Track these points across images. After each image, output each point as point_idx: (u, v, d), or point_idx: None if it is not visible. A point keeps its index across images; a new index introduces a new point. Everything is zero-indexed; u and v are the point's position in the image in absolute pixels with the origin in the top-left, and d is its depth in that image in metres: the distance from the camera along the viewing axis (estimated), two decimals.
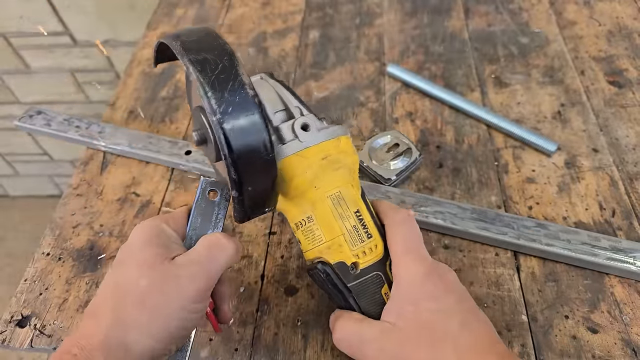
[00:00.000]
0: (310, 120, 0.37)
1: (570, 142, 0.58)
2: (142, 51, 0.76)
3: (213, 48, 0.32)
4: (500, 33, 0.72)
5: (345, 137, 0.38)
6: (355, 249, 0.36)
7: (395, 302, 0.35)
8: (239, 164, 0.31)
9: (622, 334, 0.43)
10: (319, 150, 0.36)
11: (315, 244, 0.37)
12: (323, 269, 0.36)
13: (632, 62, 0.66)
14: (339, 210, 0.36)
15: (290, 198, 0.37)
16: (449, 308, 0.34)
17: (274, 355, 0.44)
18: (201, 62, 0.31)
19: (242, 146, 0.30)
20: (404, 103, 0.64)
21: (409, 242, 0.36)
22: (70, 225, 0.55)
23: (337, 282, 0.36)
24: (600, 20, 0.72)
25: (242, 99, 0.30)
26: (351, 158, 0.38)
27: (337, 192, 0.37)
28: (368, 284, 0.36)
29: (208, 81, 0.30)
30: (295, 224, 0.38)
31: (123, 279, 0.34)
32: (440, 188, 0.55)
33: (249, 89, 0.31)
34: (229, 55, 0.32)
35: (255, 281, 0.49)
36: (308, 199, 0.37)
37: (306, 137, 0.36)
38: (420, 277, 0.34)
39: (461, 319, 0.33)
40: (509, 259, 0.49)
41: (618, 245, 0.47)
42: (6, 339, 0.46)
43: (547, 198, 0.53)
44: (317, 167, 0.36)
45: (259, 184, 0.33)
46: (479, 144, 0.59)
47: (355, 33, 0.75)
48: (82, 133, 0.62)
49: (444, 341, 0.32)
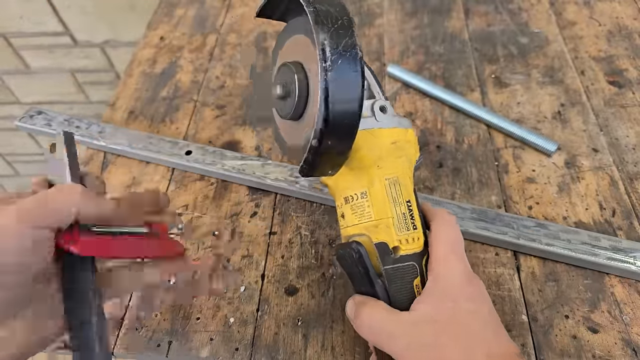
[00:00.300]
0: (387, 104, 0.39)
1: (570, 142, 0.58)
2: (142, 51, 0.76)
3: (335, 5, 0.33)
4: (500, 33, 0.72)
5: (412, 130, 0.40)
6: (401, 235, 0.37)
7: (431, 295, 0.35)
8: (332, 114, 0.31)
9: (622, 334, 0.43)
10: (390, 134, 0.38)
11: (363, 220, 0.38)
12: (357, 248, 0.37)
13: (632, 62, 0.66)
14: (394, 195, 0.38)
15: (350, 169, 0.38)
16: (484, 314, 0.34)
17: (274, 354, 0.44)
18: (324, 12, 0.32)
19: (340, 99, 0.31)
20: (404, 103, 0.64)
21: (453, 244, 0.37)
22: None
23: (368, 265, 0.36)
24: (600, 20, 0.72)
25: (352, 56, 0.32)
26: (414, 150, 0.40)
27: (395, 178, 0.38)
28: (403, 271, 0.37)
29: (327, 30, 0.31)
30: (345, 198, 0.39)
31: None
32: (440, 188, 0.55)
33: (359, 50, 0.32)
34: (348, 16, 0.33)
35: (255, 281, 0.49)
36: (368, 175, 0.38)
37: (382, 118, 0.38)
38: (461, 278, 0.35)
39: (494, 328, 0.34)
40: (509, 258, 0.49)
41: (618, 245, 0.47)
42: None
43: (547, 198, 0.53)
44: (385, 148, 0.38)
45: (339, 142, 0.33)
46: (479, 144, 0.59)
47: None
48: (82, 133, 0.62)
49: (478, 344, 0.32)
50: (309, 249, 0.51)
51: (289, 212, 0.54)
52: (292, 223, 0.53)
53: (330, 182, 0.40)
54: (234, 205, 0.56)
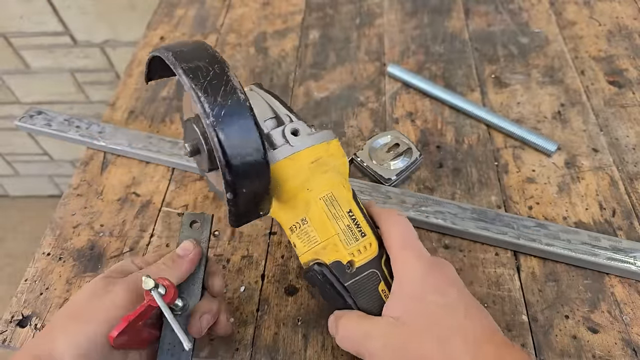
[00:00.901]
0: (299, 125, 0.38)
1: (570, 142, 0.58)
2: (142, 51, 0.76)
3: (204, 57, 0.33)
4: (500, 33, 0.72)
5: (334, 141, 0.40)
6: (350, 248, 0.37)
7: (398, 297, 0.35)
8: (233, 165, 0.31)
9: (622, 334, 0.43)
10: (309, 154, 0.37)
11: (311, 245, 0.38)
12: (320, 270, 0.37)
13: (632, 62, 0.66)
14: (332, 211, 0.37)
15: (284, 201, 0.38)
16: (453, 301, 0.34)
17: (274, 355, 0.44)
18: (193, 69, 0.32)
19: (236, 148, 0.31)
20: (404, 103, 0.64)
21: (406, 239, 0.37)
22: (70, 225, 0.55)
23: (334, 282, 0.37)
24: (600, 20, 0.72)
25: (234, 103, 0.31)
26: (340, 160, 0.39)
27: (330, 194, 0.38)
28: (365, 282, 0.37)
29: (201, 87, 0.31)
30: (290, 228, 0.39)
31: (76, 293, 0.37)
32: (440, 188, 0.55)
33: (240, 93, 0.32)
34: (219, 63, 0.33)
35: (255, 281, 0.49)
36: (301, 201, 0.38)
37: (296, 141, 0.37)
38: (422, 272, 0.35)
39: (465, 311, 0.34)
40: (509, 258, 0.49)
41: (618, 245, 0.47)
42: (7, 339, 0.46)
43: (547, 198, 0.53)
44: (308, 169, 0.37)
45: (253, 187, 0.33)
46: (479, 144, 0.59)
47: (356, 33, 0.75)
48: (82, 133, 0.62)
49: (453, 334, 0.32)
50: None
51: None
52: None
53: (276, 215, 0.40)
54: None
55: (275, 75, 0.70)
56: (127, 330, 0.33)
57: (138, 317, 0.33)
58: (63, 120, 0.64)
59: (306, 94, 0.67)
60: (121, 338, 0.33)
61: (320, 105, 0.65)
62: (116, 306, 0.34)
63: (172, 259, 0.39)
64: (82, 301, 0.35)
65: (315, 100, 0.66)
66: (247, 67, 0.72)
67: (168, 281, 0.35)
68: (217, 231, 0.53)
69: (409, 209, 0.51)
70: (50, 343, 0.33)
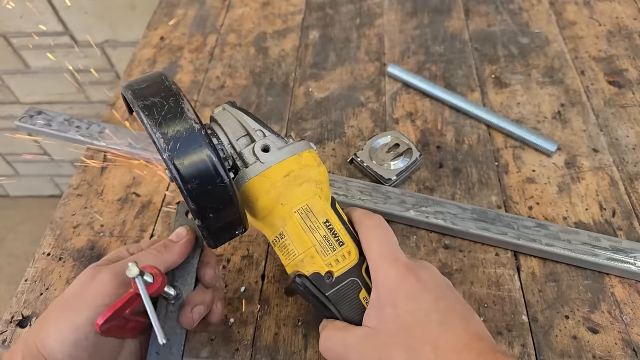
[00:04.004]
0: (270, 141, 0.38)
1: (570, 142, 0.58)
2: (142, 51, 0.76)
3: (160, 91, 0.33)
4: (500, 33, 0.72)
5: (307, 152, 0.39)
6: (328, 258, 0.37)
7: (374, 306, 0.35)
8: (194, 194, 0.32)
9: (622, 334, 0.43)
10: (281, 169, 0.37)
11: (291, 258, 0.38)
12: (301, 281, 0.37)
13: (632, 62, 0.66)
14: (308, 223, 0.38)
15: (261, 218, 0.39)
16: (426, 307, 0.33)
17: (274, 355, 0.44)
18: (149, 106, 0.32)
19: (194, 177, 0.32)
20: (404, 103, 0.64)
21: (383, 246, 0.36)
22: (70, 225, 0.55)
23: (315, 292, 0.37)
24: (600, 20, 0.72)
25: (188, 134, 0.32)
26: (315, 170, 0.39)
27: (304, 206, 0.38)
28: (345, 291, 0.37)
29: (155, 123, 0.32)
30: (272, 242, 0.40)
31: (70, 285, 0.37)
32: (440, 188, 0.55)
33: (194, 123, 0.33)
34: (174, 96, 0.33)
35: (255, 281, 0.49)
36: (277, 216, 0.38)
37: (267, 157, 0.38)
38: (397, 279, 0.34)
39: (440, 318, 0.33)
40: (509, 259, 0.49)
41: (618, 245, 0.47)
42: (7, 339, 0.46)
43: (547, 198, 0.53)
44: (280, 184, 0.37)
45: (219, 211, 0.34)
46: (479, 144, 0.59)
47: (356, 33, 0.75)
48: (82, 133, 0.62)
49: (423, 342, 0.32)
50: None
51: None
52: None
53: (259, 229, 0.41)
54: None
55: (275, 75, 0.70)
56: (113, 318, 0.33)
57: (124, 306, 0.33)
58: (63, 120, 0.64)
59: (306, 94, 0.67)
60: (107, 325, 0.33)
61: (320, 105, 0.65)
62: (102, 294, 0.34)
63: (165, 245, 0.39)
64: (72, 291, 0.35)
65: (315, 100, 0.66)
66: (247, 67, 0.72)
67: (156, 269, 0.34)
68: None
69: (409, 209, 0.51)
70: (42, 333, 0.33)
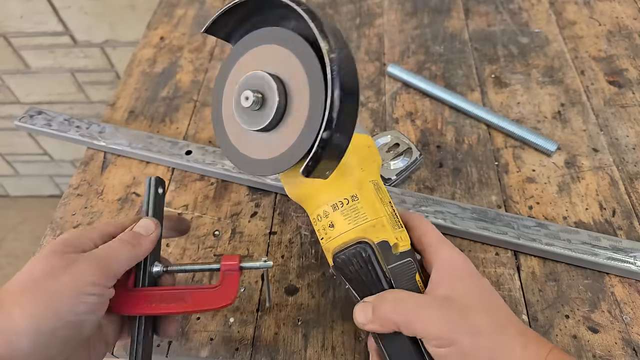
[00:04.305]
0: None
1: (570, 142, 0.58)
2: (142, 51, 0.76)
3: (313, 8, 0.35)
4: (500, 33, 0.72)
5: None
6: (396, 232, 0.38)
7: (442, 278, 0.36)
8: (344, 101, 0.32)
9: (622, 334, 0.43)
10: (364, 139, 0.39)
11: (359, 222, 0.37)
12: (365, 248, 0.36)
13: (632, 62, 0.66)
14: (379, 196, 0.38)
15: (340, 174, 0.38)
16: (489, 289, 0.36)
17: (274, 354, 0.44)
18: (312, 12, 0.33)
19: (349, 85, 0.32)
20: (404, 103, 0.64)
21: (440, 234, 0.39)
22: (70, 225, 0.55)
23: (375, 264, 0.36)
24: (600, 20, 0.72)
25: (347, 50, 0.33)
26: (379, 157, 0.41)
27: (376, 180, 0.39)
28: (405, 269, 0.37)
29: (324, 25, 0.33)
30: (333, 205, 0.38)
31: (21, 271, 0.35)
32: (440, 188, 0.55)
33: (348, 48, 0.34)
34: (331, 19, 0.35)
35: (255, 281, 0.49)
36: (354, 178, 0.38)
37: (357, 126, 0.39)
38: (461, 260, 0.37)
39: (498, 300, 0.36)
40: (509, 258, 0.49)
41: (618, 244, 0.47)
42: None
43: (547, 198, 0.53)
44: (365, 152, 0.39)
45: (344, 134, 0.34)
46: (479, 144, 0.59)
47: (356, 33, 0.75)
48: (82, 133, 0.63)
49: (499, 311, 0.35)
50: (309, 249, 0.51)
51: (289, 212, 0.54)
52: (292, 223, 0.53)
53: (311, 193, 0.39)
54: (234, 205, 0.56)
55: None
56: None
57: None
58: (63, 120, 0.64)
59: None
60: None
61: None
62: (85, 282, 0.34)
63: (135, 237, 0.39)
64: (37, 278, 0.34)
65: None
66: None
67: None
68: (217, 231, 0.53)
69: (409, 208, 0.51)
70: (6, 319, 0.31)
